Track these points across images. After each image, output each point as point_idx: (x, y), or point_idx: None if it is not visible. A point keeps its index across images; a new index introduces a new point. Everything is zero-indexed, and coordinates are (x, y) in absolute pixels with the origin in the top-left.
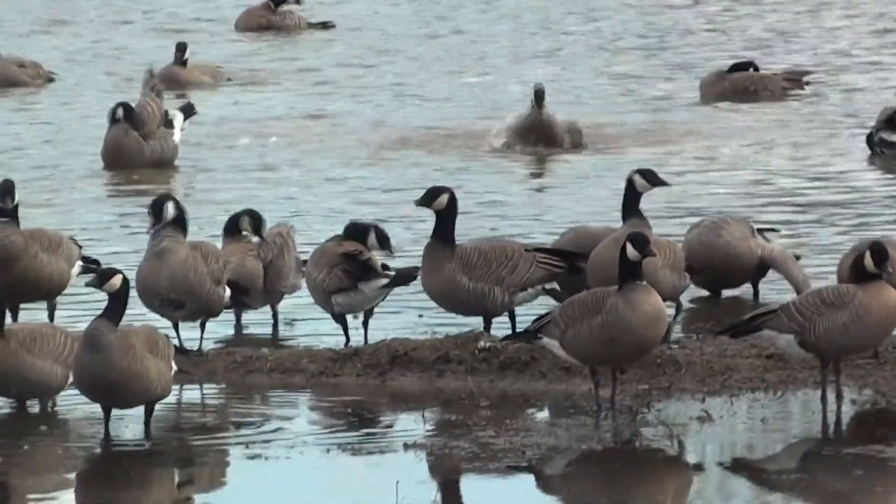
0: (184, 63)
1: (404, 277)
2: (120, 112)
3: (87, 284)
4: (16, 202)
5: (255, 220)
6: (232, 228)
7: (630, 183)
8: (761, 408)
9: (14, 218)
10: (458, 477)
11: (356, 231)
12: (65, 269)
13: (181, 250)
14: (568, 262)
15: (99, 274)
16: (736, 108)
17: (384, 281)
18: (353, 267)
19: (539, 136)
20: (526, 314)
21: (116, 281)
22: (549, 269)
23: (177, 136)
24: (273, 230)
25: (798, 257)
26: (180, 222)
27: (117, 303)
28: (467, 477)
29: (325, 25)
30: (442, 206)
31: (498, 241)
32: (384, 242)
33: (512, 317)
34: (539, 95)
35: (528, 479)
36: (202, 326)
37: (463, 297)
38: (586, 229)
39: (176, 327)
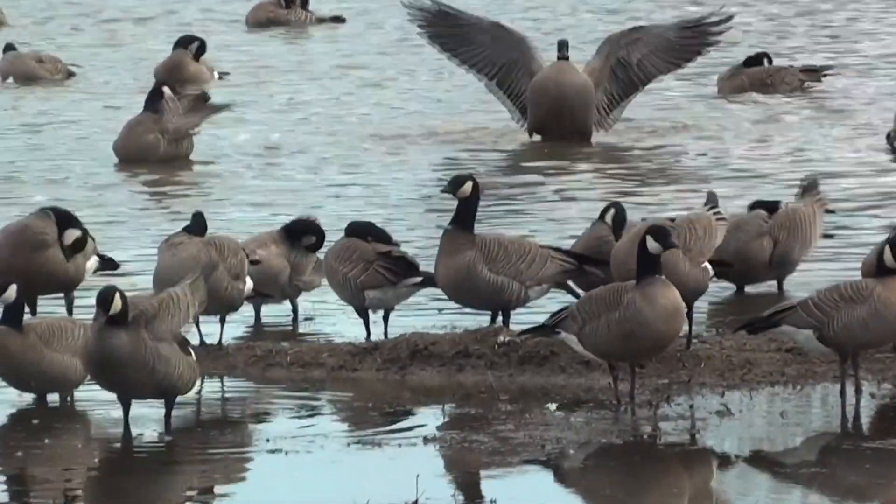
0: (195, 56)
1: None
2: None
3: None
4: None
5: (319, 237)
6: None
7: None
8: (781, 402)
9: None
10: (477, 471)
11: (358, 229)
12: (80, 262)
13: (191, 246)
14: (580, 263)
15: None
16: (753, 101)
17: (419, 279)
18: (393, 264)
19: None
20: (537, 311)
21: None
22: (563, 265)
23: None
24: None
25: (832, 211)
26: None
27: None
28: (487, 471)
29: (336, 20)
30: (466, 193)
31: (515, 237)
32: (387, 242)
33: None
34: (562, 46)
35: (548, 474)
36: (222, 321)
37: (481, 288)
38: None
39: (196, 321)
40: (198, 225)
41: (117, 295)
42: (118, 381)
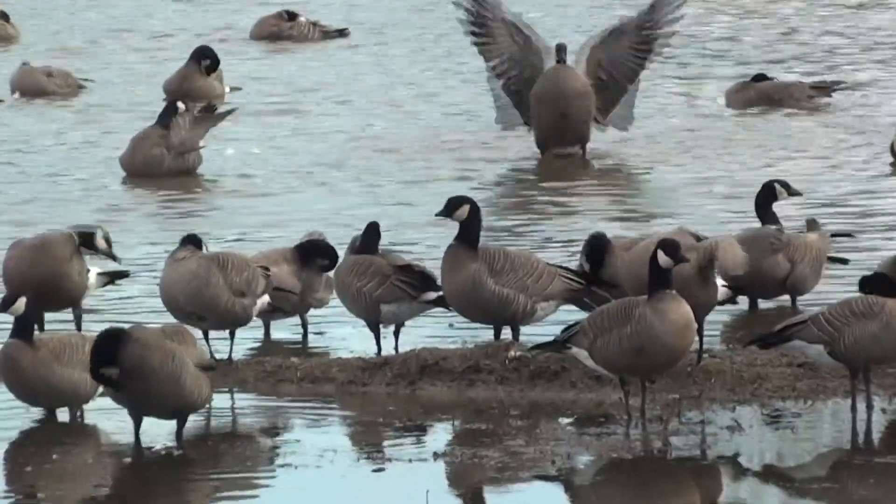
0: (207, 71)
1: None
2: (164, 115)
3: None
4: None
5: (333, 259)
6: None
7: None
8: (791, 417)
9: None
10: (487, 486)
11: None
12: (86, 276)
13: (192, 262)
14: (587, 282)
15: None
16: (762, 116)
17: (437, 295)
18: (412, 279)
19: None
20: (548, 326)
21: None
22: (570, 283)
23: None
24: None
25: (849, 234)
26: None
27: None
28: (497, 486)
29: (340, 33)
30: (463, 216)
31: (522, 251)
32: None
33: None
34: (560, 49)
35: (558, 489)
36: (231, 335)
37: (487, 300)
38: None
39: (206, 336)
40: (195, 238)
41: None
42: (143, 395)
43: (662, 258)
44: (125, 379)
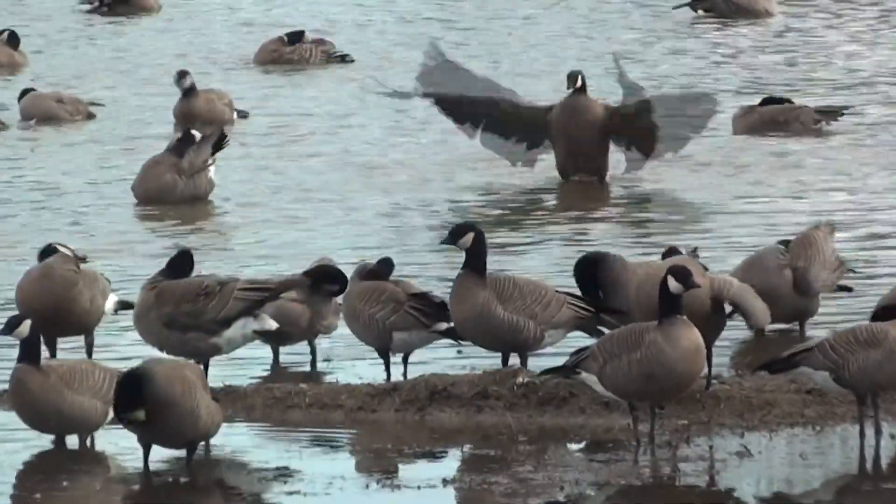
0: (190, 91)
1: None
2: (173, 141)
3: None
4: None
5: (342, 285)
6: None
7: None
8: (800, 443)
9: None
10: None
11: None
12: (99, 304)
13: (142, 292)
14: (596, 310)
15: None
16: (767, 139)
17: (446, 326)
18: (426, 307)
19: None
20: (555, 351)
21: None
22: (579, 311)
23: (211, 170)
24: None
25: (852, 270)
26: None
27: None
28: None
29: (343, 59)
30: (468, 244)
31: (531, 279)
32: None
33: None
34: (573, 78)
35: None
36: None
37: (496, 327)
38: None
39: (205, 365)
40: (173, 267)
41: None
42: (162, 427)
43: (673, 284)
44: (150, 417)
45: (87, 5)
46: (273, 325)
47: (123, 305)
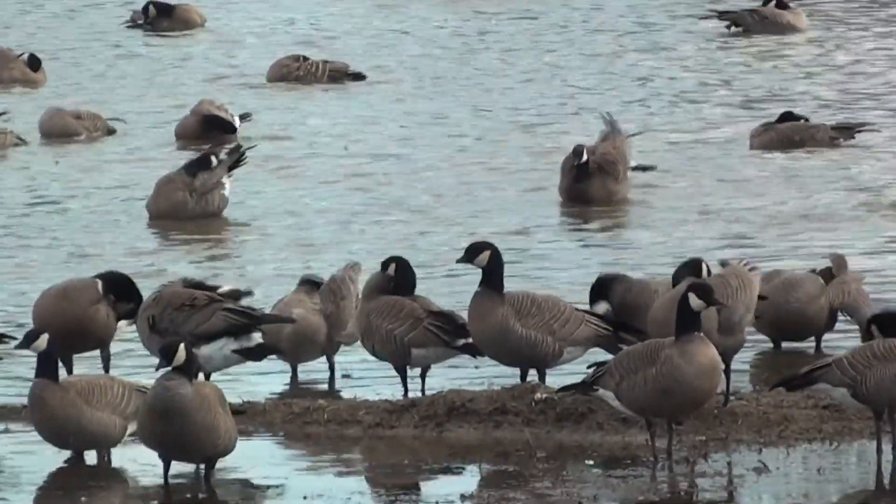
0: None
1: None
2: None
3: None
4: None
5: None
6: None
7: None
8: (818, 458)
9: None
10: None
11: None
12: (113, 320)
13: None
14: (615, 328)
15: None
16: (783, 156)
17: (469, 341)
18: (446, 324)
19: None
20: (573, 367)
21: None
22: (597, 329)
23: (227, 188)
24: (339, 272)
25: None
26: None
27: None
28: None
29: (355, 77)
30: (484, 262)
31: (549, 296)
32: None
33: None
34: (577, 153)
35: None
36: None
37: (514, 343)
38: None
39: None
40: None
41: (181, 346)
42: (177, 433)
43: (695, 301)
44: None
45: (131, 22)
46: (256, 340)
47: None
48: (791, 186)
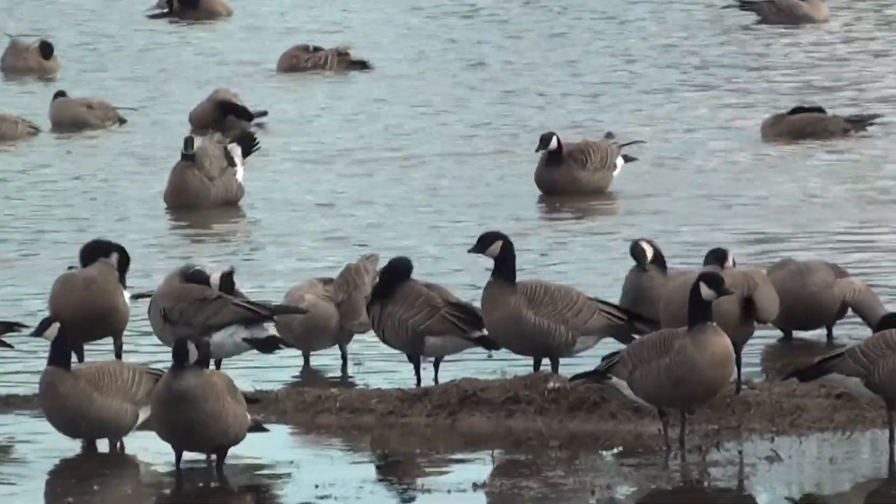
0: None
1: None
2: (190, 146)
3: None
4: None
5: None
6: None
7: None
8: (830, 447)
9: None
10: None
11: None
12: (127, 308)
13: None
14: (629, 318)
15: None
16: (796, 147)
17: (480, 333)
18: (465, 314)
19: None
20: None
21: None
22: (611, 319)
23: (240, 174)
24: (355, 264)
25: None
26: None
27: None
28: None
29: (362, 66)
30: (495, 253)
31: (562, 285)
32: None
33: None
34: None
35: None
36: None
37: (528, 332)
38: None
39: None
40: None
41: (192, 345)
42: (187, 424)
43: (706, 291)
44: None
45: (157, 10)
46: (266, 332)
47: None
48: (801, 177)
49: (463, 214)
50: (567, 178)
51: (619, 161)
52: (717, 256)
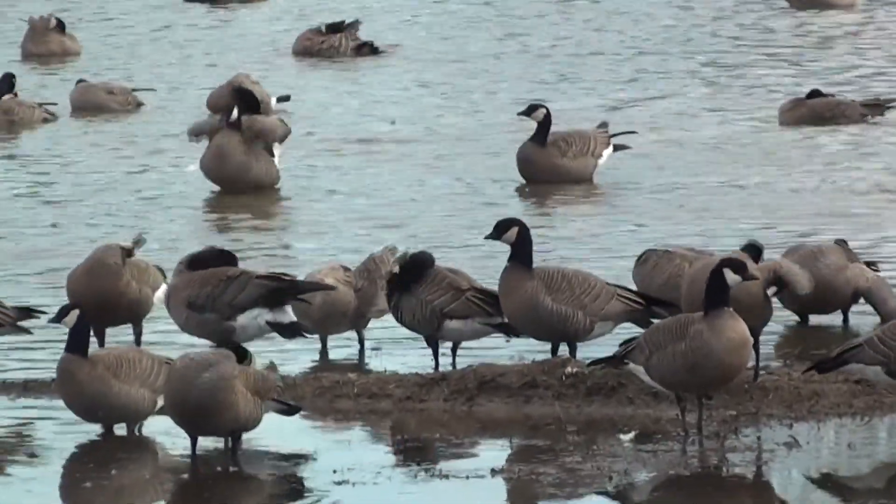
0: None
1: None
2: (234, 114)
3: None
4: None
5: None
6: None
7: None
8: (848, 433)
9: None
10: (544, 503)
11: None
12: (149, 295)
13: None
14: (647, 304)
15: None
16: (814, 132)
17: (504, 320)
18: (490, 299)
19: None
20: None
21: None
22: (629, 305)
23: (277, 159)
24: (378, 254)
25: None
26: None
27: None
28: (554, 503)
29: (374, 50)
30: (511, 239)
31: (579, 270)
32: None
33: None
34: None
35: None
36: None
37: (545, 318)
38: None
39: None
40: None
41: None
42: (200, 412)
43: (730, 276)
44: None
45: None
46: (290, 318)
47: None
48: (819, 161)
49: (492, 202)
50: (547, 165)
51: (608, 150)
52: (752, 253)
